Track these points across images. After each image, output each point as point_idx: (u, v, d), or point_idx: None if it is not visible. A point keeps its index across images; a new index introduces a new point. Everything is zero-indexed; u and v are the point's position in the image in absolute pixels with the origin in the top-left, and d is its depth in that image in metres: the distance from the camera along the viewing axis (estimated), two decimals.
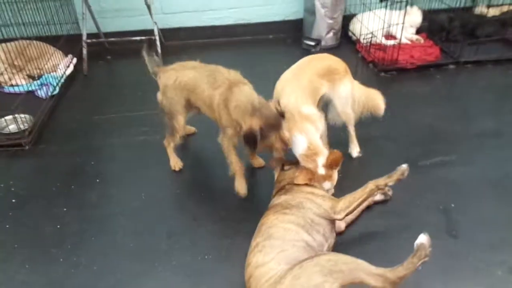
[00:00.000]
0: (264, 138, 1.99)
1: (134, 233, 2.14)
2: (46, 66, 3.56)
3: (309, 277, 1.49)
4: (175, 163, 2.54)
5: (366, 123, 2.80)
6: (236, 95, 2.08)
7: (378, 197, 2.23)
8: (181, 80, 2.29)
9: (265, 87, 3.54)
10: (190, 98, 2.31)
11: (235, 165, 2.26)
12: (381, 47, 3.71)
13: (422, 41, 3.95)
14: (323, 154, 2.06)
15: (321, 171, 2.05)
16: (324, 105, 2.47)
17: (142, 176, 2.52)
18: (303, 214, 1.85)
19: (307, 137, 2.06)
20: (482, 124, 2.85)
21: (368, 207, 2.22)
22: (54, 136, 2.94)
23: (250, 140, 1.96)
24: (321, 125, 2.18)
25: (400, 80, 3.51)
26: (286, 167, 2.19)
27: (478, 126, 2.84)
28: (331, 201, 1.92)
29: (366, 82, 3.52)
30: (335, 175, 2.10)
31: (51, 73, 3.55)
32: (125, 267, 1.95)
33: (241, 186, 2.28)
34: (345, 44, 4.18)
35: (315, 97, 2.23)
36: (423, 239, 1.69)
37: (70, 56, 3.85)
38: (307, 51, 4.03)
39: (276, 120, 2.01)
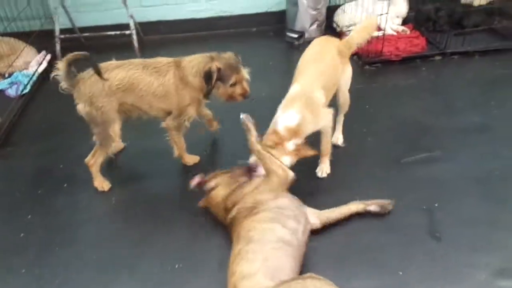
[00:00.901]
0: (225, 80, 2.17)
1: (100, 242, 2.03)
2: (16, 63, 3.41)
3: None
4: (102, 182, 2.31)
5: (349, 117, 2.71)
6: (188, 65, 2.16)
7: (373, 208, 2.11)
8: (111, 83, 2.10)
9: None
10: (126, 100, 2.14)
11: (180, 144, 2.35)
12: None
13: (408, 32, 3.83)
14: (301, 138, 2.08)
15: (290, 146, 2.07)
16: None
17: (111, 180, 2.40)
18: (267, 206, 1.82)
19: (301, 117, 2.06)
20: (468, 118, 2.75)
21: (359, 214, 2.11)
22: (23, 137, 2.81)
23: (208, 78, 2.12)
24: (325, 120, 2.20)
25: (384, 72, 3.40)
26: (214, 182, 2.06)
27: (464, 120, 2.75)
28: (273, 175, 1.94)
29: None
30: (289, 159, 2.08)
31: (22, 71, 3.40)
32: (89, 279, 1.85)
33: (189, 158, 2.42)
34: (330, 36, 4.04)
35: (334, 81, 2.28)
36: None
37: (43, 52, 3.69)
38: (290, 44, 3.91)
39: (235, 62, 2.21)
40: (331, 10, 4.03)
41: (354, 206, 2.07)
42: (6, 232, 2.10)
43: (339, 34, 3.93)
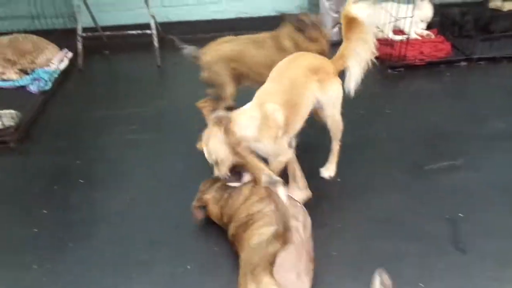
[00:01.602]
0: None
1: (114, 241, 2.00)
2: (39, 60, 3.45)
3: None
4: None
5: (369, 122, 2.64)
6: (282, 33, 2.46)
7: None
8: (223, 53, 2.41)
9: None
10: (238, 68, 2.41)
11: None
12: (388, 43, 3.51)
13: (432, 36, 3.73)
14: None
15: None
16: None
17: (127, 178, 2.39)
18: (262, 213, 1.74)
19: (255, 123, 1.84)
20: (493, 125, 2.64)
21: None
22: (42, 133, 2.82)
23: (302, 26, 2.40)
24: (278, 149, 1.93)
25: (408, 77, 3.31)
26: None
27: (489, 127, 2.64)
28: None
29: (371, 79, 3.38)
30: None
31: (44, 68, 3.44)
32: (101, 278, 1.82)
33: None
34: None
35: (297, 99, 1.95)
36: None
37: (65, 50, 3.73)
38: None
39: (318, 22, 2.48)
40: None
41: None
42: (19, 227, 2.10)
43: None
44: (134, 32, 3.68)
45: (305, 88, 1.97)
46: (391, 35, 3.64)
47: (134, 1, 3.89)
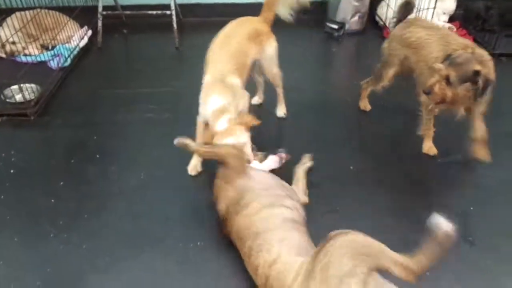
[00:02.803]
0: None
1: (128, 215, 2.05)
2: (60, 36, 3.49)
3: (339, 263, 1.33)
4: (366, 105, 2.77)
5: (389, 113, 2.64)
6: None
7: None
8: (410, 36, 2.31)
9: (285, 70, 3.40)
10: (409, 57, 2.33)
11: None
12: None
13: (454, 29, 3.67)
14: (230, 115, 2.00)
15: (221, 125, 1.98)
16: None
17: (143, 155, 2.43)
18: (254, 193, 1.73)
19: (224, 101, 2.01)
20: None
21: None
22: (61, 108, 2.87)
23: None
24: (243, 101, 2.13)
25: None
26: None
27: (508, 124, 2.61)
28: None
29: None
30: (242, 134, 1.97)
31: (65, 44, 3.48)
32: (115, 249, 1.87)
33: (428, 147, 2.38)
34: (371, 29, 3.94)
35: (244, 64, 2.20)
36: (439, 220, 1.44)
37: (85, 28, 3.76)
38: (330, 35, 3.83)
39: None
40: (376, 3, 3.91)
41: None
42: (37, 197, 2.15)
43: (382, 28, 3.81)
44: (153, 12, 3.69)
45: (249, 53, 2.23)
46: None
47: None
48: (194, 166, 2.28)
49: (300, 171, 2.15)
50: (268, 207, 1.66)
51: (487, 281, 1.73)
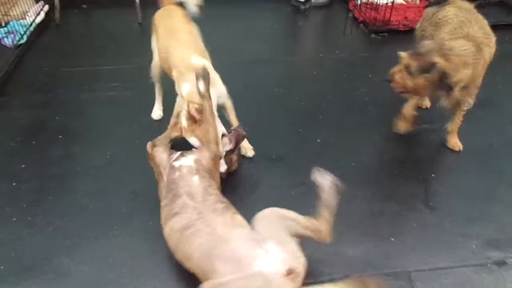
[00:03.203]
0: None
1: (94, 194, 2.01)
2: (13, 12, 3.30)
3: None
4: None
5: (352, 85, 2.67)
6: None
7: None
8: (439, 15, 2.20)
9: (250, 45, 3.37)
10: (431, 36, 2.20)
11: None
12: (373, 6, 3.48)
13: (417, 1, 3.72)
14: (195, 104, 1.85)
15: (183, 122, 1.86)
16: None
17: (108, 134, 2.37)
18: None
19: (192, 85, 1.87)
20: None
21: None
22: (18, 88, 2.75)
23: None
24: (214, 77, 1.98)
25: (391, 42, 3.33)
26: None
27: None
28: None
29: (355, 43, 3.39)
30: (202, 129, 1.83)
31: (19, 21, 3.30)
32: (82, 229, 1.84)
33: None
34: (338, 2, 3.94)
35: (200, 45, 2.17)
36: (319, 176, 1.64)
37: (41, 2, 3.58)
38: (297, 9, 3.80)
39: None
40: None
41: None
42: None
43: (347, 1, 3.81)
44: None
45: (198, 35, 2.22)
46: None
47: None
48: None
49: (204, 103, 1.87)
50: (166, 223, 1.62)
51: (446, 242, 1.81)
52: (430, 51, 1.94)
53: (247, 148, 2.20)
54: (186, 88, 1.92)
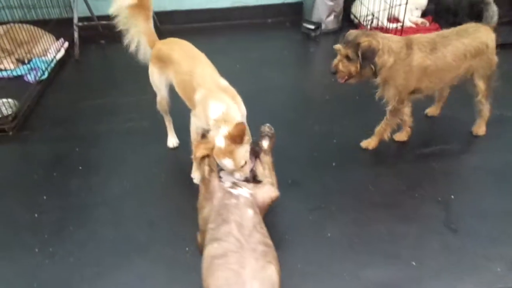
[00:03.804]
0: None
1: (113, 223, 2.04)
2: (36, 50, 3.45)
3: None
4: None
5: (364, 108, 2.68)
6: None
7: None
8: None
9: (262, 72, 3.43)
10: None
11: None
12: (382, 31, 3.53)
13: (427, 24, 3.77)
14: (230, 125, 1.78)
15: (220, 142, 1.77)
16: None
17: (126, 164, 2.42)
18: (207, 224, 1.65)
19: (224, 105, 1.84)
20: None
21: None
22: (40, 122, 2.84)
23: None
24: (239, 99, 1.99)
25: None
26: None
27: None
28: None
29: None
30: (240, 152, 1.79)
31: (41, 57, 3.44)
32: (102, 259, 1.86)
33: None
34: (347, 27, 3.95)
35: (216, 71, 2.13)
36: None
37: (61, 40, 3.73)
38: (307, 35, 3.88)
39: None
40: (348, 1, 3.97)
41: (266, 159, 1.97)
42: (21, 212, 2.13)
43: (357, 26, 3.88)
44: None
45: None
46: (385, 23, 3.66)
47: None
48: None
49: (265, 160, 1.95)
50: (207, 246, 1.56)
51: (470, 265, 1.77)
52: (357, 35, 2.10)
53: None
54: (218, 107, 1.85)
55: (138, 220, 2.05)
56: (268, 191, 1.80)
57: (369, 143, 2.43)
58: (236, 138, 1.75)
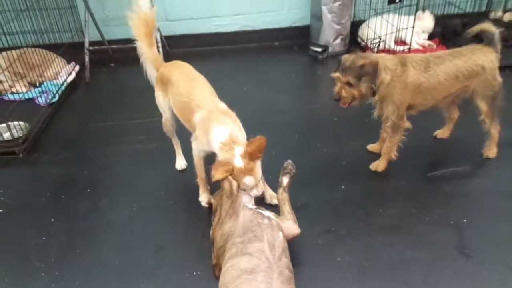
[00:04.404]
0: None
1: (120, 247, 2.02)
2: (47, 73, 3.52)
3: None
4: None
5: (373, 128, 2.66)
6: None
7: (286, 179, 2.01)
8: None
9: (270, 95, 3.45)
10: None
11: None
12: (390, 53, 3.55)
13: (434, 46, 3.79)
14: (241, 145, 1.84)
15: (239, 162, 1.81)
16: None
17: (134, 186, 2.42)
18: (230, 242, 1.66)
19: (228, 128, 1.88)
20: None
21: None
22: (50, 144, 2.86)
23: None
24: (238, 121, 2.02)
25: None
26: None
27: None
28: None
29: None
30: (258, 168, 1.86)
31: (52, 81, 3.51)
32: (109, 284, 1.83)
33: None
34: (354, 50, 4.02)
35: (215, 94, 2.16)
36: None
37: (72, 63, 3.80)
38: (314, 58, 3.91)
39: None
40: (355, 25, 4.02)
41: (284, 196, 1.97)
42: (28, 235, 2.12)
43: (364, 48, 3.91)
44: None
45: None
46: (392, 46, 3.69)
47: None
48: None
49: (283, 196, 1.95)
50: (232, 258, 1.58)
51: None
52: (354, 60, 2.12)
53: (272, 196, 2.20)
54: (222, 131, 1.87)
55: (146, 244, 2.03)
56: (292, 227, 1.81)
57: (377, 165, 2.41)
58: (257, 154, 1.82)
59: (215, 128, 1.90)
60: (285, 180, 1.98)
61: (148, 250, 1.99)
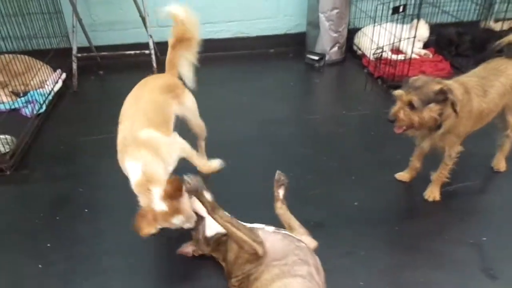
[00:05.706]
0: None
1: (124, 273, 1.88)
2: (32, 82, 3.31)
3: None
4: None
5: (378, 143, 2.61)
6: None
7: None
8: None
9: (267, 103, 3.33)
10: None
11: None
12: (389, 62, 3.52)
13: (430, 55, 3.78)
14: (160, 184, 1.65)
15: (160, 206, 1.63)
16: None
17: (134, 205, 2.26)
18: (264, 265, 1.55)
19: (141, 164, 1.70)
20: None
21: None
22: (39, 159, 2.67)
23: None
24: (170, 149, 1.88)
25: None
26: None
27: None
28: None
29: (376, 99, 3.38)
30: (185, 202, 1.68)
31: (38, 90, 3.30)
32: None
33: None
34: (350, 58, 3.99)
35: (164, 117, 1.99)
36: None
37: (59, 71, 3.60)
38: (311, 66, 3.84)
39: None
40: (352, 33, 3.97)
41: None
42: (23, 263, 1.95)
43: (360, 57, 3.87)
44: (131, 52, 3.59)
45: (166, 105, 2.04)
46: (389, 55, 3.65)
47: (129, 21, 3.84)
48: None
49: (283, 209, 1.86)
50: (280, 278, 1.48)
51: None
52: (427, 81, 1.92)
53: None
54: (134, 168, 1.71)
55: (152, 270, 1.89)
56: (310, 242, 1.71)
57: (433, 195, 2.24)
58: (176, 194, 1.62)
59: (127, 164, 1.74)
60: (281, 192, 1.88)
61: (157, 277, 1.86)
